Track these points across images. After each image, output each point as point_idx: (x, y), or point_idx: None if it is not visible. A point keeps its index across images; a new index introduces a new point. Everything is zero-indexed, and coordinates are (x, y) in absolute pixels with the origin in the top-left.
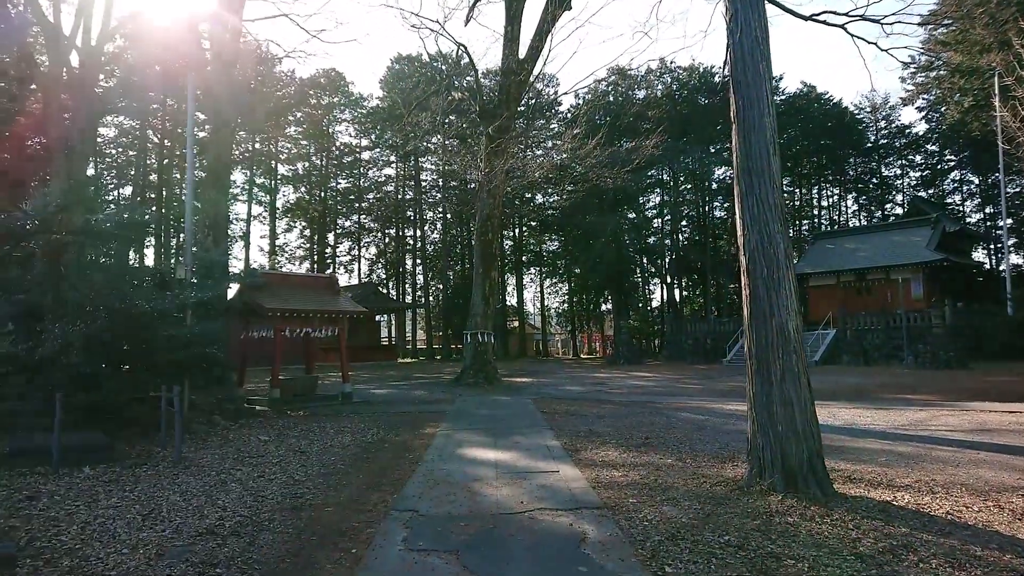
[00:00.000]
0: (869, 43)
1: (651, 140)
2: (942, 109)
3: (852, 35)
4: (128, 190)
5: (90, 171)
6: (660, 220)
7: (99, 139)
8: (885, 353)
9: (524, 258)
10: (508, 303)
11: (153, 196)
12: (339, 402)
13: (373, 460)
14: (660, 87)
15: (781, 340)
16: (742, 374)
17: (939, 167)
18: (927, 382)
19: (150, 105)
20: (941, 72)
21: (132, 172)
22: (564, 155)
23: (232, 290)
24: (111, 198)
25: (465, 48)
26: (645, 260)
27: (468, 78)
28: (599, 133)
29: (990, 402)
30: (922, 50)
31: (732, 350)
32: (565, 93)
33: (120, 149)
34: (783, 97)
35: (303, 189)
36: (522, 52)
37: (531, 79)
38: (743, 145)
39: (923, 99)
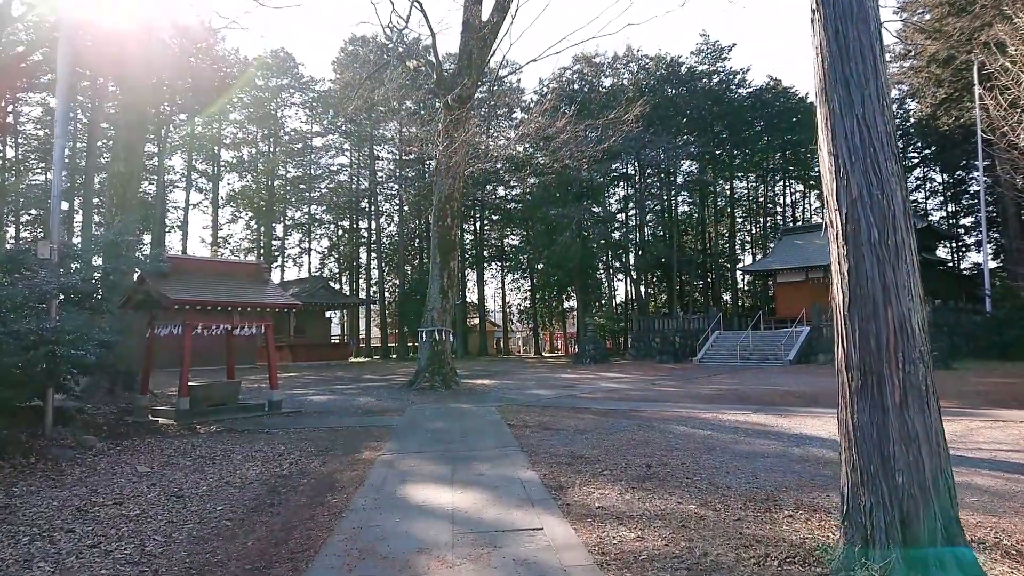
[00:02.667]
0: None
1: (633, 110)
2: (913, 103)
3: None
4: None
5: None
6: (625, 214)
7: (23, 118)
8: None
9: (485, 252)
10: (468, 299)
11: (80, 181)
12: (264, 413)
13: (279, 508)
14: (627, 76)
15: (902, 341)
16: (717, 374)
17: (904, 163)
18: None
19: (78, 82)
20: (915, 63)
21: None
22: (527, 143)
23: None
24: (37, 182)
25: (420, 4)
26: (610, 255)
27: (429, 57)
28: (564, 118)
29: (1014, 410)
30: (919, 25)
31: (703, 348)
32: (534, 60)
33: (47, 131)
34: (750, 90)
35: (249, 177)
36: (485, 15)
37: (497, 38)
38: (833, 42)
39: (897, 90)
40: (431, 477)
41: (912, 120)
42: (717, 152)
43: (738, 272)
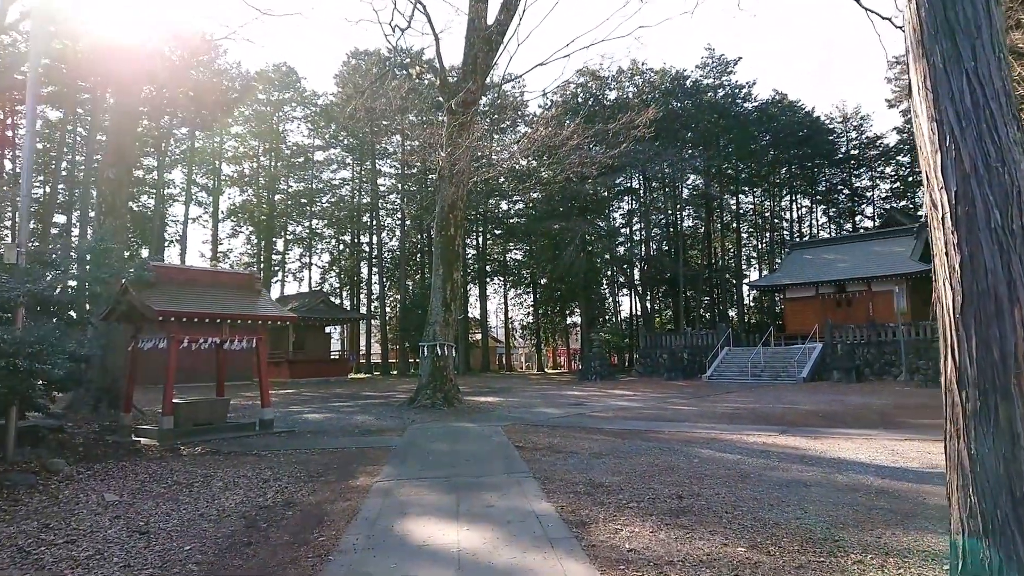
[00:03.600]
0: (884, 18)
1: (645, 115)
2: None
3: (866, 9)
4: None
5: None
6: (629, 229)
7: (22, 130)
8: (876, 369)
9: (488, 267)
10: (470, 315)
11: (78, 193)
12: (255, 433)
13: (256, 549)
14: (632, 89)
15: None
16: (729, 392)
17: (910, 179)
18: None
19: (78, 94)
20: None
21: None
22: (532, 154)
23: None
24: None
25: (423, 7)
26: (615, 270)
27: (434, 63)
28: (572, 126)
29: None
30: None
31: (712, 365)
32: (542, 64)
33: (48, 144)
34: (756, 104)
35: (250, 191)
36: (491, 16)
37: (504, 40)
38: None
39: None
40: (433, 509)
41: None
42: (723, 166)
43: (744, 287)
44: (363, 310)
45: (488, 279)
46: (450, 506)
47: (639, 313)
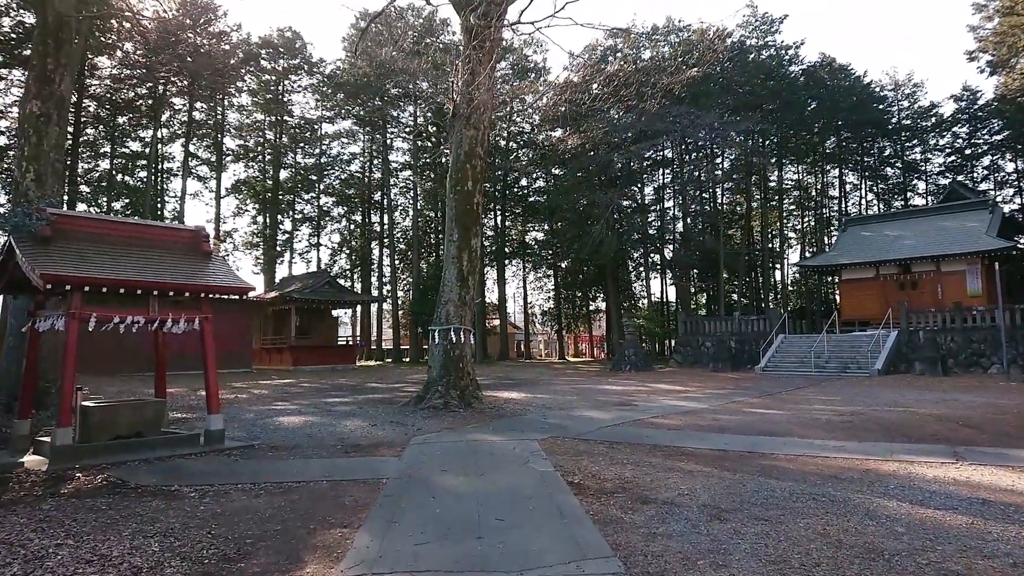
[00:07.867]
0: None
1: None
2: (993, 79)
3: None
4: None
5: None
6: (661, 204)
7: (5, 98)
8: (962, 360)
9: (507, 248)
10: (488, 299)
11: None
12: (197, 449)
13: None
14: (667, 49)
15: None
16: (799, 387)
17: (967, 151)
18: None
19: None
20: (1018, 18)
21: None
22: (565, 105)
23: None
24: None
25: None
26: (646, 248)
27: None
28: (615, 63)
29: None
30: None
31: (766, 355)
32: None
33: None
34: (803, 67)
35: (254, 166)
36: None
37: None
38: None
39: (991, 55)
40: None
41: (985, 99)
42: (767, 135)
43: (789, 268)
44: (374, 293)
45: (507, 261)
46: None
47: (673, 297)
